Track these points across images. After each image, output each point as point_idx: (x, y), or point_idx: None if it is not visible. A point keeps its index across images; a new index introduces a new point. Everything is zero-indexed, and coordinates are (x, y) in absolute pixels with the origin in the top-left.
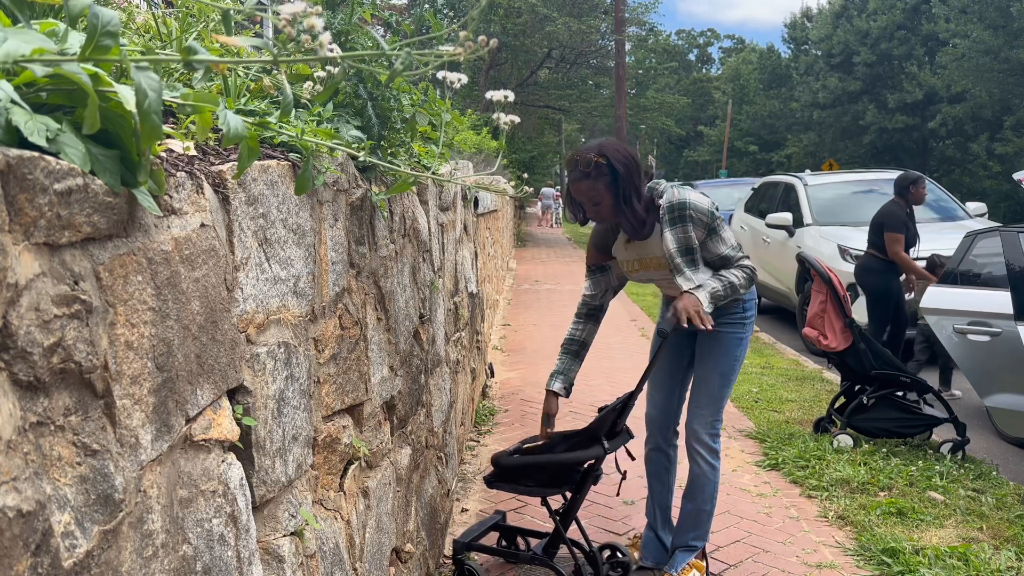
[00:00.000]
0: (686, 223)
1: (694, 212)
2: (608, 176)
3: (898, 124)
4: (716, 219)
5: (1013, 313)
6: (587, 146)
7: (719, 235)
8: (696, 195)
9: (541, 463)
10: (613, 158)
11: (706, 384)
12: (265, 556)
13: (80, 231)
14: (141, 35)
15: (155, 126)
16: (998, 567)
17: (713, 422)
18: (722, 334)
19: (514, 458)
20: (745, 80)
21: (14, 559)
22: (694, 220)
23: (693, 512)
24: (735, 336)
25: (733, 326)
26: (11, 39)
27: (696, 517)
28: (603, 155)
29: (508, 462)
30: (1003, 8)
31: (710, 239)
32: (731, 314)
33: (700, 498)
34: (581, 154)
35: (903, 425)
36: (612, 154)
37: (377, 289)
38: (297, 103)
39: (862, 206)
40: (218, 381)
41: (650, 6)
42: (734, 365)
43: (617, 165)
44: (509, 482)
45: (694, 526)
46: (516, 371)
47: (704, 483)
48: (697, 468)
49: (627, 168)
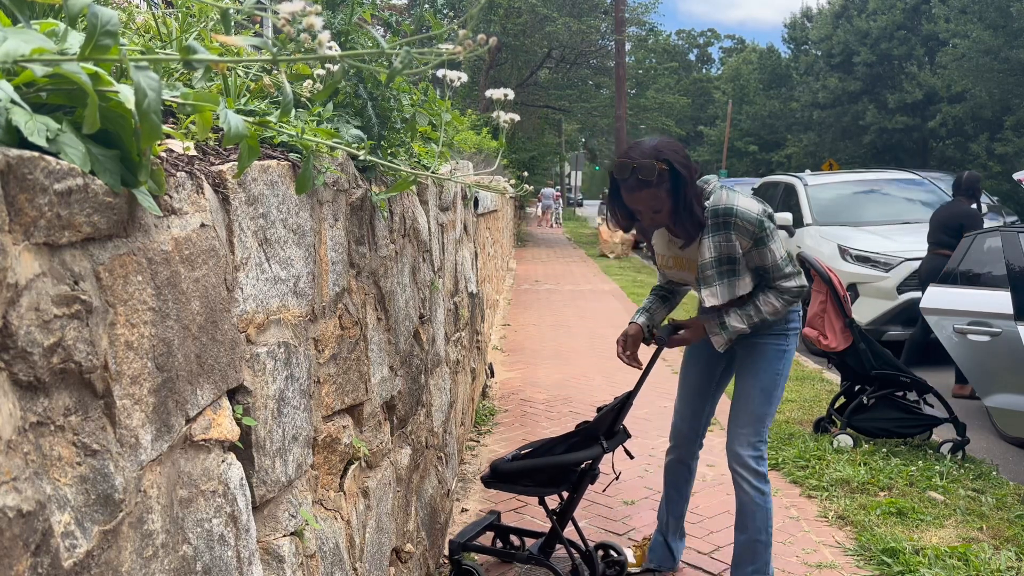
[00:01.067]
0: (729, 231)
1: (740, 220)
2: (670, 182)
3: (898, 124)
4: (765, 229)
5: (1013, 313)
6: (639, 149)
7: (767, 247)
8: (746, 201)
9: (539, 466)
10: (675, 161)
11: (746, 400)
12: (265, 556)
13: (80, 231)
14: (141, 35)
15: (155, 126)
16: (998, 567)
17: (756, 443)
18: (762, 345)
19: (513, 463)
20: (745, 80)
21: (14, 559)
22: (739, 228)
23: (747, 544)
24: (777, 347)
25: (775, 336)
26: (11, 39)
27: (752, 549)
28: (664, 160)
29: (507, 467)
30: (1003, 8)
31: (756, 250)
32: (772, 323)
33: (752, 528)
34: (638, 160)
35: (903, 425)
36: (672, 156)
37: (377, 289)
38: (297, 103)
39: (862, 206)
40: (218, 381)
41: (650, 6)
42: (776, 379)
43: (680, 169)
44: (507, 483)
45: (751, 559)
46: (516, 371)
47: (754, 511)
48: (744, 495)
49: (689, 170)
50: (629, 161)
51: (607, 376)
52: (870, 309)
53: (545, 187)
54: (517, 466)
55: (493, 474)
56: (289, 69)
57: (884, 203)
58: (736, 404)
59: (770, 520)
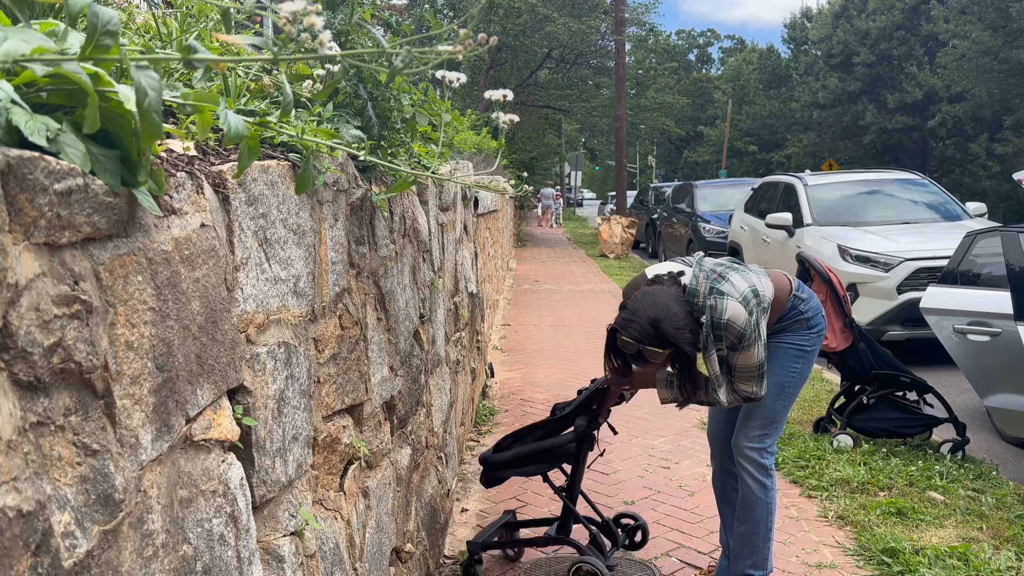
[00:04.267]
0: (721, 342)
1: (728, 332)
2: (676, 354)
3: (898, 124)
4: (745, 339)
5: (1013, 313)
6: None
7: (746, 352)
8: (735, 308)
9: (527, 453)
10: (681, 342)
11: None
12: (265, 556)
13: (80, 231)
14: (141, 35)
15: (155, 124)
16: (998, 567)
17: (762, 436)
18: (783, 343)
19: (502, 454)
20: (745, 80)
21: (14, 559)
22: (726, 336)
23: (746, 535)
24: (797, 347)
25: (796, 335)
26: (11, 38)
27: (750, 542)
28: (668, 342)
29: (497, 459)
30: (1002, 9)
31: (732, 352)
32: (795, 321)
33: (751, 520)
34: (642, 344)
35: (903, 425)
36: (678, 337)
37: (377, 289)
38: (297, 103)
39: (862, 206)
40: (218, 381)
41: (650, 6)
42: (792, 378)
43: (687, 349)
44: (503, 469)
45: (749, 552)
46: (516, 371)
47: (754, 503)
48: (745, 487)
49: (693, 345)
50: (634, 344)
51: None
52: (870, 309)
53: (545, 187)
54: (507, 457)
55: (486, 466)
56: (289, 70)
57: (884, 203)
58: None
59: (771, 515)
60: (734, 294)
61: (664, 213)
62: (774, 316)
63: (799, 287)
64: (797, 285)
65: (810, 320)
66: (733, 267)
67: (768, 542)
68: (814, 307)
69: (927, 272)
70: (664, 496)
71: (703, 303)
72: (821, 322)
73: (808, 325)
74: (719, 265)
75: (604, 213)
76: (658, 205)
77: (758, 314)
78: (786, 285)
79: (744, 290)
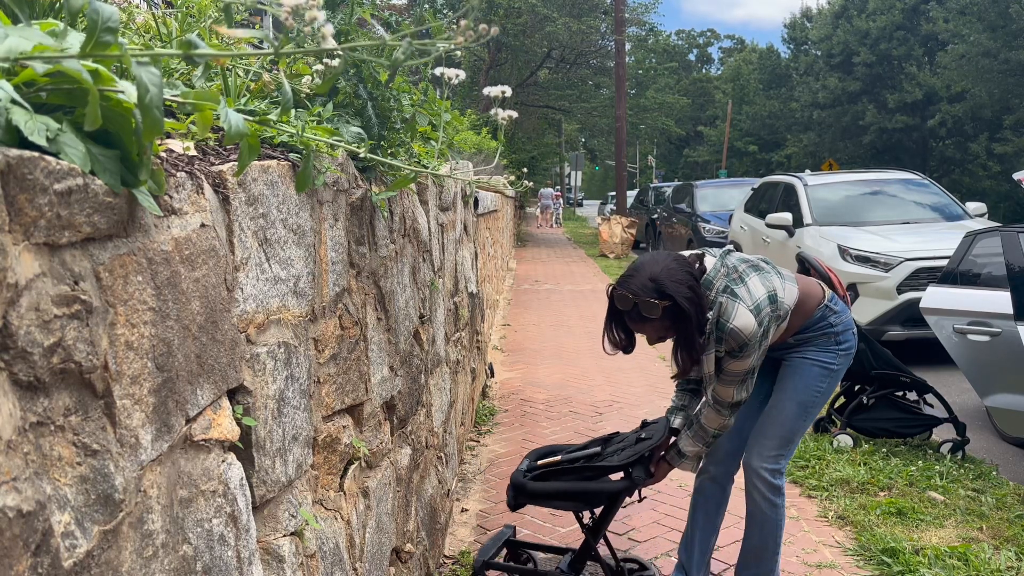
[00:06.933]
0: (720, 344)
1: (731, 338)
2: (675, 316)
3: (898, 124)
4: (744, 349)
5: (1013, 313)
6: (636, 281)
7: (741, 359)
8: (745, 318)
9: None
10: (679, 296)
11: (779, 412)
12: (265, 556)
13: (80, 231)
14: (141, 35)
15: (157, 120)
16: (998, 567)
17: (777, 456)
18: (810, 360)
19: (542, 485)
20: (745, 80)
21: (14, 559)
22: (726, 341)
23: (752, 551)
24: (823, 364)
25: (821, 351)
26: (12, 36)
27: (757, 556)
28: (666, 295)
29: (536, 488)
30: (1002, 9)
31: (729, 357)
32: (822, 334)
33: (758, 538)
34: (639, 296)
35: (903, 425)
36: (676, 291)
37: (377, 289)
38: (297, 103)
39: (862, 206)
40: (218, 381)
41: (650, 6)
42: (816, 398)
43: (685, 304)
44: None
45: (755, 563)
46: (516, 371)
47: (763, 520)
48: (754, 505)
49: (693, 303)
50: (631, 296)
51: (607, 376)
52: (870, 309)
53: (544, 187)
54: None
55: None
56: (289, 70)
57: (884, 203)
58: (768, 415)
59: (780, 531)
60: (747, 301)
61: (664, 213)
62: (798, 323)
63: (832, 299)
64: (830, 297)
65: (839, 335)
66: (757, 268)
67: (776, 555)
68: (845, 322)
69: (927, 272)
70: (664, 496)
71: (714, 298)
72: (851, 339)
73: (837, 340)
74: (743, 262)
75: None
76: (658, 205)
77: (769, 322)
78: (817, 293)
79: (759, 297)
